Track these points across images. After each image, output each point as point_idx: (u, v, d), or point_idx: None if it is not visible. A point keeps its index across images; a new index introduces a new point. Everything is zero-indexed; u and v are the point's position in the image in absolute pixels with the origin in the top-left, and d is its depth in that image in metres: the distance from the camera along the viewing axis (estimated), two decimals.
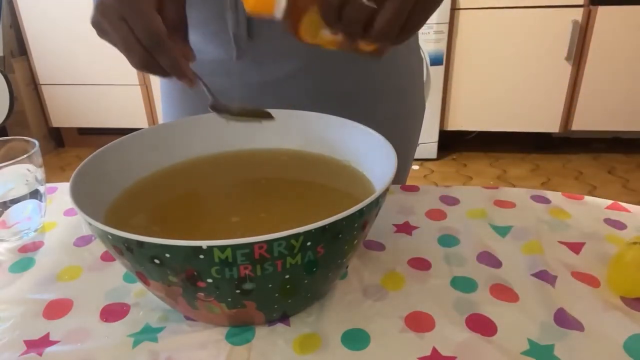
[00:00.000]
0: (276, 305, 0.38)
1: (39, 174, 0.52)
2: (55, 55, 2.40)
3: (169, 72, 0.44)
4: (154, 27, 0.42)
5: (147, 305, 0.42)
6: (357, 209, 0.33)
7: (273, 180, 0.50)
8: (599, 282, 0.43)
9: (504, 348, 0.37)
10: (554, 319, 0.39)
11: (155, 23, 0.43)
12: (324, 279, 0.40)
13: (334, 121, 0.51)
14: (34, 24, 2.35)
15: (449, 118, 2.31)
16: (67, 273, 0.47)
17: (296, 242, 0.32)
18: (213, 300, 0.35)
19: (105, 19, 0.43)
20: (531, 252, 0.47)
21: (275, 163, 0.53)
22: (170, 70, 0.44)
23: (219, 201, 0.47)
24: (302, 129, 0.53)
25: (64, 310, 0.42)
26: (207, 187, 0.49)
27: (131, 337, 0.39)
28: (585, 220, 0.53)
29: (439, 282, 0.44)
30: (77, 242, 0.52)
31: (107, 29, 0.43)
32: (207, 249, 0.31)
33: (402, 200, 0.57)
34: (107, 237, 0.33)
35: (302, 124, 0.53)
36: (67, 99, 2.51)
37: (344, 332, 0.38)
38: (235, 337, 0.38)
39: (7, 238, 0.52)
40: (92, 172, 0.43)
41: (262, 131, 0.54)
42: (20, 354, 0.38)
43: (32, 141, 0.52)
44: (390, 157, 0.42)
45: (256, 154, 0.54)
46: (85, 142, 2.66)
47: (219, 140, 0.52)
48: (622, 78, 2.11)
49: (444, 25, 2.10)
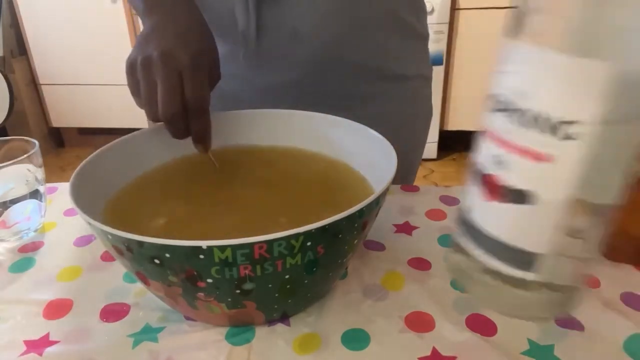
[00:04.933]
0: (276, 305, 0.38)
1: (39, 174, 0.52)
2: (55, 55, 2.40)
3: (195, 135, 0.47)
4: (205, 91, 0.45)
5: (147, 305, 0.42)
6: (357, 209, 0.33)
7: (273, 179, 0.50)
8: (599, 282, 0.43)
9: (504, 348, 0.37)
10: (554, 319, 0.39)
11: (207, 88, 0.46)
12: (324, 279, 0.40)
13: (334, 121, 0.51)
14: (34, 24, 2.35)
15: (449, 118, 2.31)
16: (67, 273, 0.47)
17: (296, 242, 0.32)
18: (213, 300, 0.35)
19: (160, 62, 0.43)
20: None
21: (275, 162, 0.53)
22: (196, 135, 0.47)
23: (219, 201, 0.47)
24: (303, 129, 0.53)
25: (64, 310, 0.42)
26: (207, 187, 0.49)
27: (131, 337, 0.39)
28: None
29: (439, 282, 0.43)
30: (77, 242, 0.52)
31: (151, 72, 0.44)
32: (207, 249, 0.31)
33: (402, 200, 0.57)
34: (107, 237, 0.33)
35: (303, 123, 0.53)
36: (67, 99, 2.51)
37: (344, 332, 0.38)
38: (235, 337, 0.38)
39: (7, 238, 0.52)
40: (92, 172, 0.43)
41: (262, 130, 0.54)
42: (20, 354, 0.38)
43: (32, 141, 0.52)
44: (390, 157, 0.42)
45: (256, 153, 0.54)
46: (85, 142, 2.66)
47: (219, 140, 0.52)
48: None
49: (444, 25, 2.10)
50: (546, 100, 0.24)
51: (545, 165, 0.25)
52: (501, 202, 0.27)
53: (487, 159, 0.27)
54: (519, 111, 0.24)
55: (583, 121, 0.23)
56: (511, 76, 0.25)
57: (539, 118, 0.24)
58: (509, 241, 0.28)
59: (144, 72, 0.44)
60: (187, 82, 0.44)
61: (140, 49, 0.45)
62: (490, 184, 0.27)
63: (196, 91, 0.44)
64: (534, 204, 0.26)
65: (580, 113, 0.23)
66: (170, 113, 0.44)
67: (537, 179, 0.25)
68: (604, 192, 0.28)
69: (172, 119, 0.44)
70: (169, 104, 0.43)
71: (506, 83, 0.25)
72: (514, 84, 0.25)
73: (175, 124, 0.45)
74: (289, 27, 0.58)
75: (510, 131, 0.25)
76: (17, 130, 2.36)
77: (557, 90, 0.23)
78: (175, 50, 0.44)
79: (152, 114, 0.45)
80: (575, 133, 0.23)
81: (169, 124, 0.45)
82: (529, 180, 0.26)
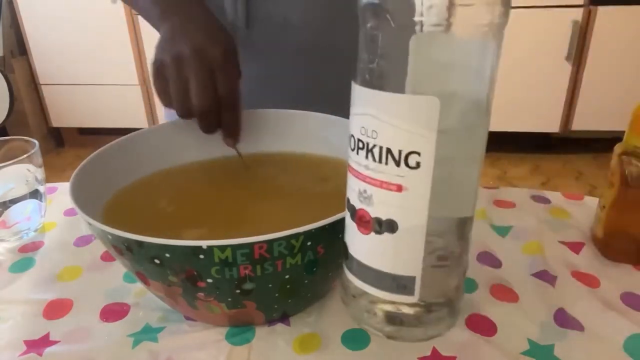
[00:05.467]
0: (276, 305, 0.38)
1: (39, 174, 0.52)
2: (55, 55, 2.40)
3: (227, 129, 0.48)
4: (237, 85, 0.47)
5: (147, 305, 0.42)
6: None
7: (273, 179, 0.50)
8: (599, 282, 0.43)
9: (504, 348, 0.37)
10: (554, 319, 0.39)
11: (238, 82, 0.47)
12: (324, 279, 0.40)
13: (334, 121, 0.51)
14: (34, 24, 2.35)
15: None
16: (67, 273, 0.47)
17: (296, 242, 0.32)
18: (213, 300, 0.35)
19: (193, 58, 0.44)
20: (531, 252, 0.47)
21: (275, 162, 0.53)
22: (228, 128, 0.48)
23: (219, 201, 0.47)
24: (303, 129, 0.53)
25: (64, 310, 0.42)
26: (207, 187, 0.49)
27: (131, 337, 0.39)
28: (585, 220, 0.52)
29: None
30: (77, 242, 0.52)
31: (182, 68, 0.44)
32: (207, 249, 0.31)
33: None
34: (107, 237, 0.33)
35: (303, 123, 0.53)
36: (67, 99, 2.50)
37: (344, 332, 0.38)
38: (235, 337, 0.38)
39: (7, 238, 0.52)
40: (92, 172, 0.43)
41: (262, 131, 0.54)
42: (20, 354, 0.38)
43: (32, 141, 0.52)
44: None
45: (256, 153, 0.54)
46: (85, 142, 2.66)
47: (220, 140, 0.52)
48: (622, 78, 2.11)
49: None
50: (390, 135, 0.27)
51: (399, 194, 0.28)
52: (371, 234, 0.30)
53: (355, 195, 0.30)
54: (374, 147, 0.28)
55: (421, 150, 0.27)
56: (362, 118, 0.28)
57: (388, 152, 0.27)
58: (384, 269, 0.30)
59: (176, 68, 0.45)
60: (220, 77, 0.45)
61: (167, 49, 0.45)
62: (362, 219, 0.30)
63: (229, 85, 0.46)
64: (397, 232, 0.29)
65: (417, 144, 0.26)
66: (205, 107, 0.45)
67: (395, 208, 0.28)
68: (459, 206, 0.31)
69: (206, 113, 0.45)
70: (203, 98, 0.44)
71: (359, 124, 0.29)
72: (365, 124, 0.28)
73: (208, 118, 0.46)
74: (279, 16, 0.58)
75: (369, 167, 0.28)
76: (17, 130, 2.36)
77: (396, 126, 0.27)
78: (207, 46, 0.44)
79: (184, 109, 0.46)
80: (417, 162, 0.27)
81: (201, 118, 0.46)
82: (390, 210, 0.28)
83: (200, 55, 0.44)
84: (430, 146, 0.26)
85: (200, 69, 0.44)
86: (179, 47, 0.45)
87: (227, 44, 0.47)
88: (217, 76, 0.45)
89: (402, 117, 0.26)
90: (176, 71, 0.45)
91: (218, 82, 0.45)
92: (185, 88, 0.45)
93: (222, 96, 0.46)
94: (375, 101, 0.27)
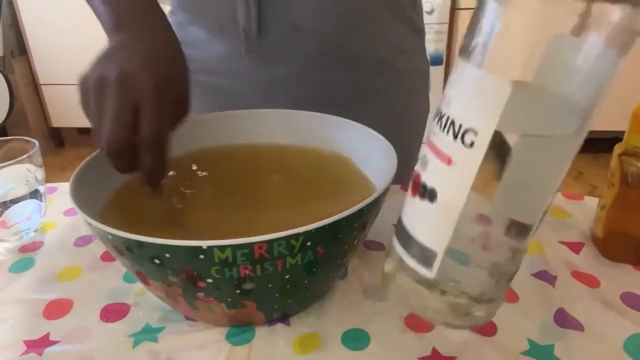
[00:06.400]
0: (276, 305, 0.38)
1: (39, 174, 0.52)
2: (55, 55, 2.39)
3: (144, 175, 0.40)
4: (163, 126, 0.39)
5: (147, 305, 0.42)
6: (357, 209, 0.33)
7: (273, 179, 0.50)
8: (599, 282, 0.43)
9: (504, 348, 0.37)
10: (554, 319, 0.39)
11: (167, 123, 0.39)
12: (324, 279, 0.40)
13: (334, 121, 0.51)
14: (34, 24, 2.35)
15: None
16: (67, 273, 0.47)
17: (296, 242, 0.32)
18: (213, 300, 0.35)
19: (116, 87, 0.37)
20: (531, 252, 0.47)
21: (275, 162, 0.53)
22: (146, 175, 0.40)
23: (218, 200, 0.47)
24: (303, 129, 0.53)
25: (64, 310, 0.42)
26: (207, 187, 0.49)
27: (131, 337, 0.39)
28: (585, 220, 0.52)
29: None
30: (77, 242, 0.52)
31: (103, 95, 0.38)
32: (207, 249, 0.31)
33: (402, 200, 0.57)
34: (107, 237, 0.33)
35: (303, 123, 0.53)
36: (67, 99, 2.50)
37: (344, 332, 0.38)
38: (235, 337, 0.38)
39: (7, 238, 0.52)
40: (92, 172, 0.43)
41: (262, 130, 0.54)
42: (20, 354, 0.38)
43: (32, 141, 0.52)
44: (390, 157, 0.42)
45: (256, 153, 0.54)
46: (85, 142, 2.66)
47: (219, 140, 0.53)
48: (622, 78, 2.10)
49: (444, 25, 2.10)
50: (457, 107, 0.26)
51: (447, 167, 0.27)
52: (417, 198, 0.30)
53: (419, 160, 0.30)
54: (443, 116, 0.27)
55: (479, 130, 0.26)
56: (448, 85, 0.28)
57: (452, 124, 0.27)
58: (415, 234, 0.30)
59: (95, 94, 0.38)
60: (144, 114, 0.37)
61: (97, 67, 0.39)
62: (414, 181, 0.30)
63: (153, 125, 0.37)
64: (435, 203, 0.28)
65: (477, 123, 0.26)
66: (114, 147, 0.37)
67: (441, 179, 0.28)
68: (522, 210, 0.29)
69: (114, 154, 0.38)
70: (113, 136, 0.37)
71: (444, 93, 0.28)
72: (447, 91, 0.28)
73: (118, 159, 0.38)
74: (289, 20, 0.58)
75: (435, 133, 0.28)
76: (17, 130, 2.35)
77: (464, 99, 0.26)
78: (138, 75, 0.37)
79: (97, 142, 0.39)
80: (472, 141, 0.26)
81: (109, 157, 0.38)
82: (435, 179, 0.28)
83: (124, 85, 0.37)
84: (488, 130, 0.25)
85: (119, 102, 0.37)
86: (107, 70, 0.38)
87: (167, 76, 0.39)
88: (140, 113, 0.37)
89: (471, 90, 0.26)
90: (96, 97, 0.38)
91: (141, 120, 0.37)
92: (101, 119, 0.38)
93: (141, 137, 0.37)
94: (459, 69, 0.27)
